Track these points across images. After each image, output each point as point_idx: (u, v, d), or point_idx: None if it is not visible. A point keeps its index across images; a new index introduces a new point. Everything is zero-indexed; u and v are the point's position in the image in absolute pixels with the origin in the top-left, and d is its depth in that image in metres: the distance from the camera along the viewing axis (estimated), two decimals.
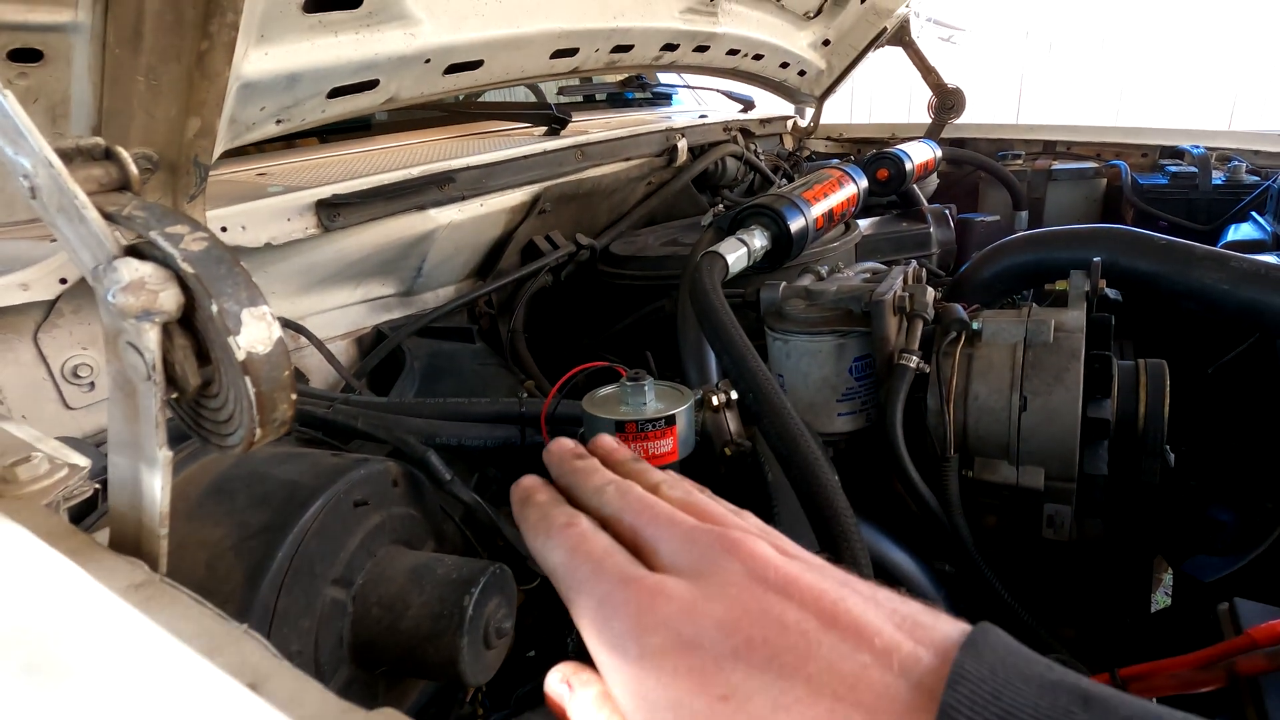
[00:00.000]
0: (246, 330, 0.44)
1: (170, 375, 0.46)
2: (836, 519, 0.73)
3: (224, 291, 0.43)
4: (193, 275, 0.43)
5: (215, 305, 0.43)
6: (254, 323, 0.44)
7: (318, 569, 0.82)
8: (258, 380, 0.44)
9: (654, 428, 0.96)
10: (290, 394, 0.47)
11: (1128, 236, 1.26)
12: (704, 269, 1.06)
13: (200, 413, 0.50)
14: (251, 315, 0.44)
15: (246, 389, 0.44)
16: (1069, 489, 1.07)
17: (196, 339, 0.46)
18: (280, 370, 0.46)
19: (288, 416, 0.48)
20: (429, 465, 0.99)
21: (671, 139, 2.00)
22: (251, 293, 0.45)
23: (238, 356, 0.43)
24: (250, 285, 0.45)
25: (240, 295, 0.44)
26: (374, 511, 0.92)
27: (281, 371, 0.46)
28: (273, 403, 0.46)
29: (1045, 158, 2.82)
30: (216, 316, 0.43)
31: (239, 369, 0.44)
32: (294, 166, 1.48)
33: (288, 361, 0.46)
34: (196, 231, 0.45)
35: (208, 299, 0.43)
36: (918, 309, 1.12)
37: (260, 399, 0.45)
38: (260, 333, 0.44)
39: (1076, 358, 1.05)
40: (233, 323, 0.43)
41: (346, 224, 1.25)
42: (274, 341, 0.45)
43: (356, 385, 1.29)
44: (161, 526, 0.50)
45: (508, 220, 1.60)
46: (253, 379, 0.44)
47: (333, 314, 1.39)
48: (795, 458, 0.76)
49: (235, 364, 0.44)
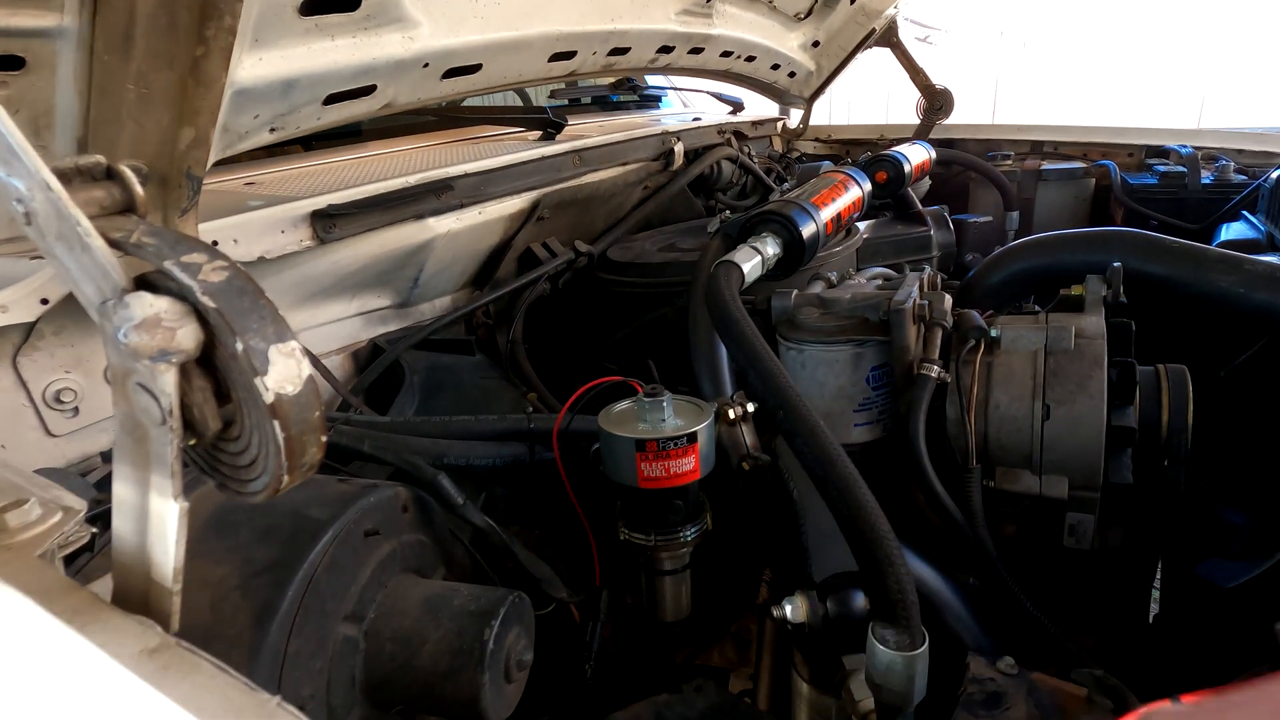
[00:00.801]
0: (275, 369, 0.39)
1: (187, 419, 0.41)
2: (880, 543, 0.70)
3: (249, 327, 0.39)
4: (214, 310, 0.39)
5: (240, 343, 0.39)
6: (282, 360, 0.40)
7: (329, 606, 0.78)
8: (287, 423, 0.40)
9: (675, 446, 0.93)
10: (321, 436, 0.43)
11: (1139, 240, 1.25)
12: (720, 279, 1.02)
13: (219, 457, 0.45)
14: (280, 352, 0.40)
15: (274, 433, 0.40)
16: (1093, 498, 1.05)
17: (216, 378, 0.42)
18: (311, 411, 0.41)
19: (317, 460, 0.44)
20: (440, 489, 0.94)
21: (668, 143, 1.96)
22: (279, 327, 0.40)
23: (265, 399, 0.39)
24: (277, 319, 0.41)
25: (267, 330, 0.40)
26: (385, 540, 0.87)
27: (312, 412, 0.42)
28: (302, 446, 0.42)
29: (1034, 158, 2.83)
30: (241, 355, 0.39)
31: (266, 412, 0.40)
32: (283, 175, 1.42)
33: (318, 400, 0.42)
34: (216, 260, 0.40)
35: (231, 336, 0.39)
36: (937, 317, 1.09)
37: (289, 443, 0.41)
38: (290, 371, 0.40)
39: (1099, 364, 1.03)
40: (259, 362, 0.39)
41: (343, 235, 1.20)
42: (304, 380, 0.41)
43: (355, 403, 1.24)
44: (175, 582, 0.46)
45: (506, 228, 1.56)
46: (281, 422, 0.40)
47: (327, 328, 1.34)
48: (832, 478, 0.73)
49: (262, 406, 0.39)
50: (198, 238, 0.84)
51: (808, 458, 0.76)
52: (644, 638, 1.08)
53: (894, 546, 0.70)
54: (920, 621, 0.70)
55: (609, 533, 1.06)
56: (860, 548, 0.71)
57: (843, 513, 0.72)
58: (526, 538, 1.23)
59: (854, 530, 0.71)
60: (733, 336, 0.89)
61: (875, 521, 0.71)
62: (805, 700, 1.00)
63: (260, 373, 0.39)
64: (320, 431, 0.42)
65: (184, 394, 0.41)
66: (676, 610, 1.04)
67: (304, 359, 0.41)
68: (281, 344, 0.40)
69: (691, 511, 0.98)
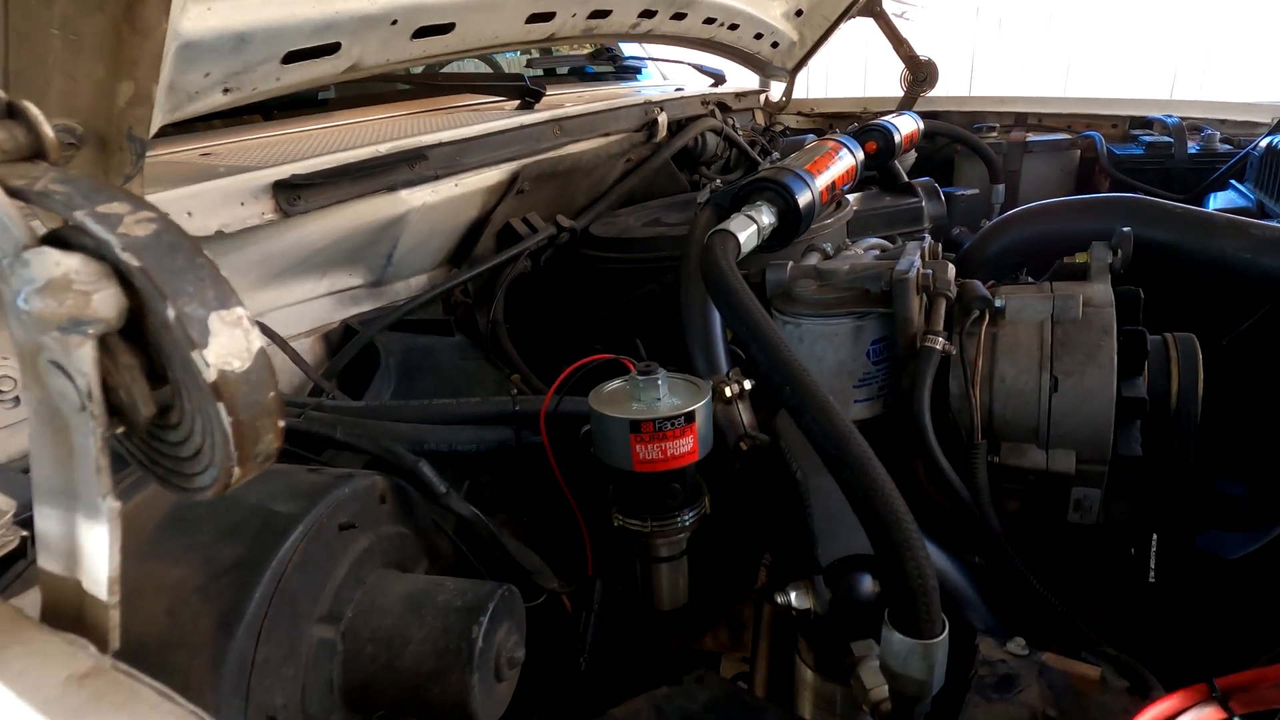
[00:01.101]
0: (217, 341, 0.33)
1: (113, 404, 0.35)
2: (898, 525, 0.65)
3: (183, 290, 0.32)
4: (138, 269, 0.32)
5: (172, 309, 0.32)
6: (226, 331, 0.33)
7: (301, 607, 0.71)
8: (234, 406, 0.33)
9: (672, 426, 0.87)
10: (277, 420, 0.36)
11: (1142, 206, 1.22)
12: (716, 249, 0.96)
13: (157, 447, 0.39)
14: (223, 321, 0.33)
15: (220, 418, 0.34)
16: (1100, 472, 1.02)
17: (147, 354, 0.35)
18: (263, 391, 0.35)
19: (274, 448, 0.37)
20: (421, 478, 0.88)
21: (651, 113, 1.89)
22: (221, 291, 0.34)
23: (206, 377, 0.32)
24: (219, 281, 0.34)
25: (206, 294, 0.33)
26: (361, 534, 0.81)
27: (265, 393, 0.35)
28: (254, 433, 0.35)
29: (1018, 130, 2.80)
30: (175, 324, 0.32)
31: (208, 393, 0.33)
32: (242, 146, 1.33)
33: (272, 378, 0.36)
34: (141, 211, 0.34)
35: (161, 301, 0.32)
36: (940, 286, 1.05)
37: (239, 430, 0.34)
38: (235, 343, 0.33)
39: (1109, 334, 0.99)
40: (198, 332, 0.32)
41: (309, 208, 1.11)
42: (254, 354, 0.34)
43: (327, 387, 1.17)
44: (110, 594, 0.39)
45: (484, 201, 1.48)
46: (227, 405, 0.33)
47: (295, 309, 1.26)
48: (846, 458, 0.68)
49: (203, 386, 0.33)
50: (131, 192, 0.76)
51: (818, 436, 0.71)
52: (639, 628, 1.03)
53: (913, 529, 0.65)
54: (940, 607, 0.66)
55: (601, 519, 1.01)
56: (876, 530, 0.66)
57: (857, 494, 0.67)
58: (514, 526, 1.17)
59: (870, 512, 0.66)
60: (732, 308, 0.84)
61: (892, 502, 0.66)
62: (809, 688, 0.96)
63: (199, 345, 0.32)
64: (276, 415, 0.36)
65: (107, 373, 0.34)
66: (674, 598, 0.99)
67: (253, 329, 0.34)
68: (224, 310, 0.33)
69: (689, 495, 0.92)
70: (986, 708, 0.86)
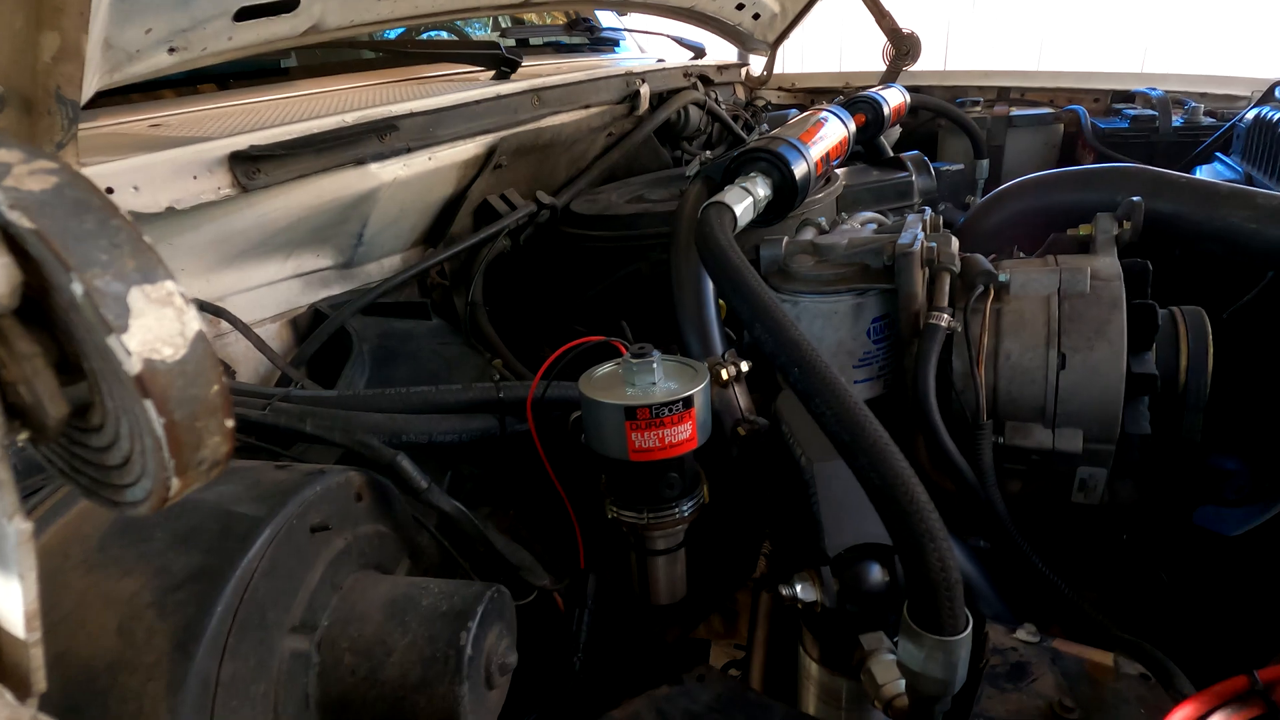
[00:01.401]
0: (140, 324, 0.26)
1: (13, 403, 0.28)
2: (919, 515, 0.60)
3: (94, 259, 0.26)
4: (33, 233, 0.25)
5: (79, 284, 0.25)
6: (153, 310, 0.27)
7: (271, 617, 0.65)
8: (165, 404, 0.27)
9: (670, 412, 0.82)
10: (223, 419, 0.30)
11: (1146, 175, 1.18)
12: (713, 223, 0.90)
13: (78, 453, 0.32)
14: (147, 298, 0.27)
15: (148, 419, 0.27)
16: (1108, 451, 0.99)
17: (55, 340, 0.28)
18: (203, 384, 0.28)
19: (222, 453, 0.31)
20: (400, 472, 0.81)
21: (633, 84, 1.81)
22: (144, 260, 0.27)
23: (127, 368, 0.26)
24: (141, 248, 0.27)
25: (124, 265, 0.26)
26: (336, 535, 0.74)
27: (205, 386, 0.29)
28: (194, 436, 0.29)
29: (1001, 104, 2.77)
30: (84, 302, 0.25)
31: (132, 388, 0.26)
32: (194, 117, 1.23)
33: (214, 368, 0.29)
34: (36, 161, 0.27)
35: (64, 273, 0.25)
36: (944, 261, 1.00)
37: (173, 433, 0.28)
38: (164, 326, 0.27)
39: (1118, 308, 0.96)
40: (114, 312, 0.26)
41: (269, 182, 1.03)
42: (189, 339, 0.28)
43: (295, 376, 1.09)
44: (29, 630, 0.33)
45: (460, 176, 1.40)
46: (157, 402, 0.27)
47: (259, 292, 1.17)
48: (862, 444, 0.63)
49: (125, 380, 0.26)
50: None
51: (830, 421, 0.66)
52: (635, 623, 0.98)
53: (935, 519, 0.61)
54: (964, 602, 0.62)
55: (592, 509, 0.95)
56: (896, 521, 0.62)
57: (874, 482, 0.63)
58: (500, 520, 1.12)
59: (888, 501, 0.62)
60: (735, 285, 0.78)
61: (913, 491, 0.61)
62: (814, 681, 0.92)
63: (116, 329, 0.25)
64: (222, 412, 0.30)
65: (2, 366, 0.27)
66: (671, 592, 0.94)
67: (188, 308, 0.28)
68: (149, 285, 0.27)
69: (688, 484, 0.87)
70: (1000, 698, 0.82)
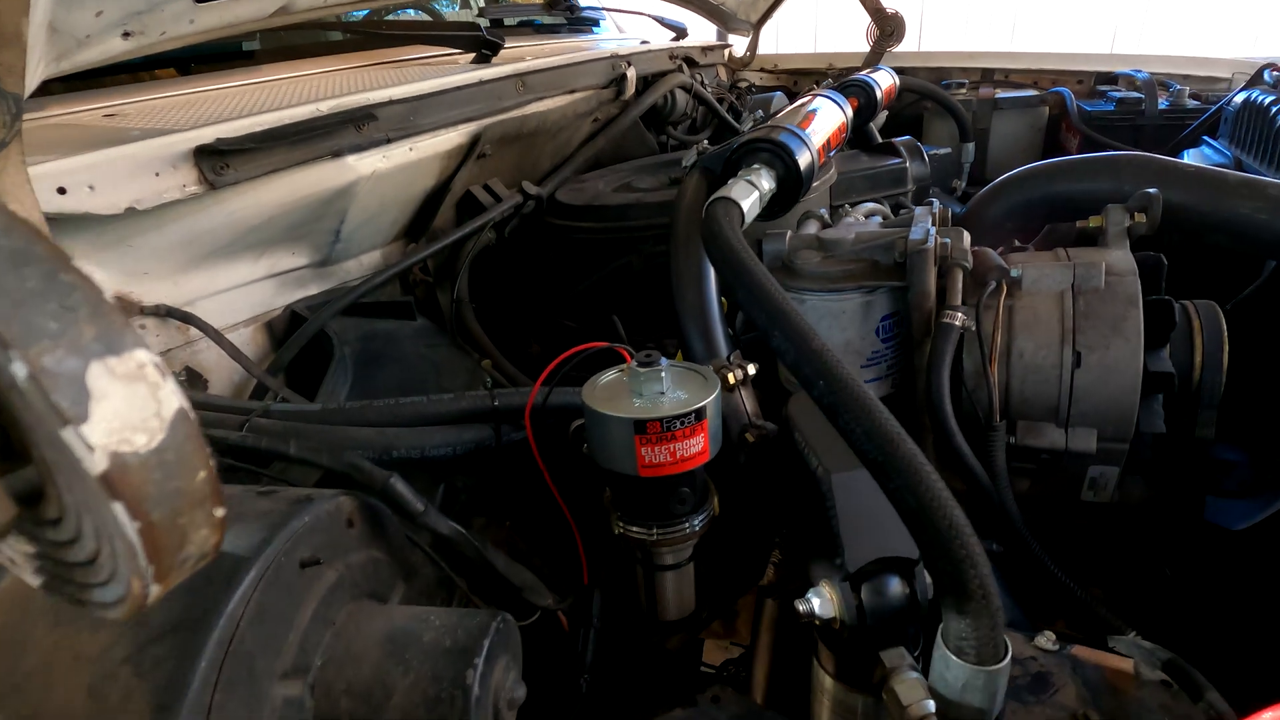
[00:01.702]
0: (103, 408, 0.21)
1: None
2: (960, 540, 0.57)
3: (39, 328, 0.20)
4: None
5: (21, 363, 0.20)
6: (119, 389, 0.21)
7: (259, 665, 0.59)
8: (140, 505, 0.22)
9: (682, 425, 0.77)
10: (212, 509, 0.24)
11: (1153, 165, 1.16)
12: (720, 221, 0.85)
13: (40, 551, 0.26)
14: (111, 373, 0.21)
15: (119, 524, 0.22)
16: (1121, 450, 0.97)
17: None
18: (186, 474, 0.23)
19: (210, 545, 0.26)
20: (394, 495, 0.76)
21: (619, 67, 1.74)
22: (105, 325, 0.21)
23: (89, 466, 0.20)
24: (100, 309, 0.21)
25: (79, 334, 0.21)
26: (328, 567, 0.69)
27: (189, 476, 0.23)
28: (177, 536, 0.23)
29: (986, 86, 2.75)
30: (28, 387, 0.20)
31: (98, 489, 0.21)
32: (154, 105, 1.14)
33: (199, 452, 0.24)
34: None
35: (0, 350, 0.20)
36: (957, 256, 0.96)
37: (151, 536, 0.22)
38: (136, 407, 0.21)
39: (1134, 304, 0.93)
40: (69, 396, 0.20)
41: (239, 178, 0.95)
42: (168, 420, 0.22)
43: (273, 385, 1.02)
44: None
45: (442, 167, 1.32)
46: (129, 505, 0.21)
47: (231, 295, 1.10)
48: (895, 464, 0.59)
49: (87, 480, 0.21)
50: (25, 181, 0.61)
51: (860, 438, 0.62)
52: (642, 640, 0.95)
53: (975, 543, 0.57)
54: (1004, 629, 0.59)
55: (593, 519, 0.91)
56: (934, 546, 0.58)
57: (908, 504, 0.59)
58: (496, 532, 1.07)
59: (925, 525, 0.58)
60: (751, 291, 0.73)
61: (952, 515, 0.58)
62: (829, 695, 0.89)
63: (73, 419, 0.20)
64: (210, 501, 0.24)
65: None
66: (680, 607, 0.91)
67: (165, 380, 0.22)
68: (113, 357, 0.21)
69: (699, 498, 0.83)
70: (1024, 712, 0.80)
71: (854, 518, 0.80)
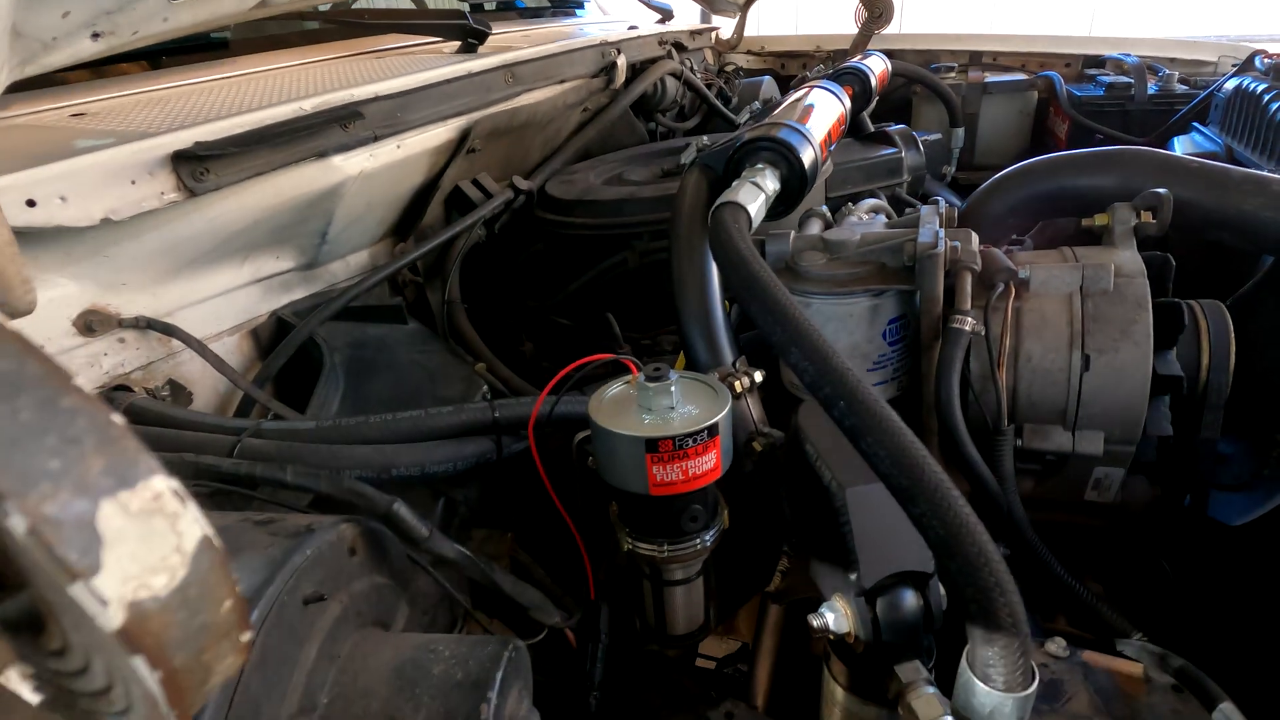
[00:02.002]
0: (119, 554, 0.18)
1: None
2: (989, 568, 0.56)
3: (38, 469, 0.17)
4: None
5: (19, 515, 0.17)
6: (135, 528, 0.18)
7: (265, 711, 0.57)
8: (162, 653, 0.19)
9: (694, 442, 0.75)
10: (239, 635, 0.22)
11: (1155, 160, 1.14)
12: (730, 228, 0.82)
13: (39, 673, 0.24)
14: (125, 511, 0.18)
15: (140, 675, 0.19)
16: (1128, 453, 0.96)
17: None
18: (212, 606, 0.20)
19: (234, 669, 0.23)
20: (398, 521, 0.73)
21: (609, 55, 1.69)
22: (115, 453, 0.18)
23: (104, 622, 0.18)
24: (109, 435, 0.18)
25: (86, 469, 0.18)
26: (332, 600, 0.66)
27: (215, 608, 0.20)
28: (202, 674, 0.21)
29: (975, 69, 2.72)
30: (28, 542, 0.17)
31: (115, 644, 0.18)
32: (125, 103, 1.08)
33: (224, 581, 0.21)
34: None
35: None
36: (966, 260, 0.94)
37: (174, 681, 0.20)
38: (155, 546, 0.19)
39: (1144, 307, 0.92)
40: (78, 547, 0.17)
41: (220, 183, 0.90)
42: (190, 553, 0.19)
43: (261, 398, 0.98)
44: None
45: (431, 164, 1.28)
46: (150, 656, 0.19)
47: (214, 303, 1.05)
48: (922, 489, 0.58)
49: (102, 636, 0.18)
50: None
51: (884, 463, 0.60)
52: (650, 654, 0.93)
53: (1005, 570, 0.56)
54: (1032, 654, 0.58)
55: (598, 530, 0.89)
56: (962, 572, 0.57)
57: (936, 531, 0.58)
58: (498, 544, 1.04)
59: (953, 553, 0.57)
60: (765, 305, 0.71)
61: (981, 542, 0.56)
62: (840, 706, 0.89)
63: (83, 573, 0.17)
64: (237, 628, 0.21)
65: None
66: (690, 621, 0.89)
67: (185, 507, 0.19)
68: (127, 490, 0.18)
69: (710, 514, 0.81)
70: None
71: (869, 532, 0.78)
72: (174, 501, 0.19)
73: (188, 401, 1.01)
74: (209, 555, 0.20)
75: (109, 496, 0.18)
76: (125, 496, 0.18)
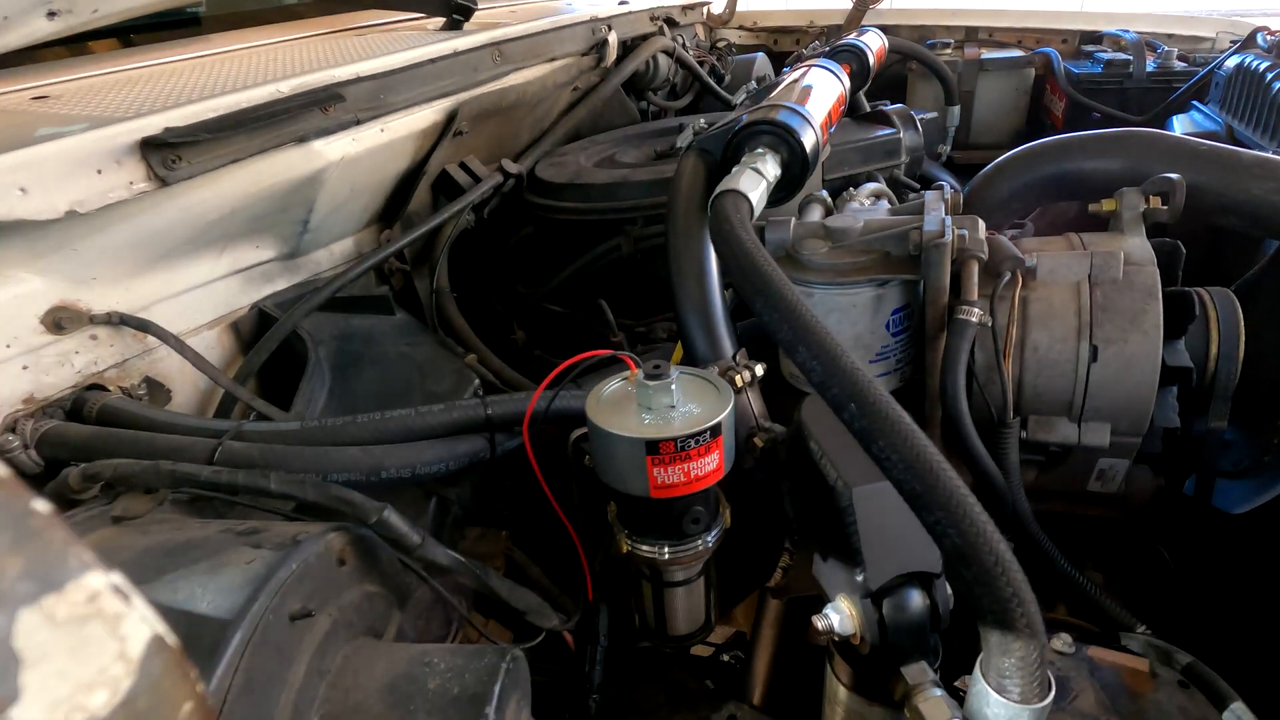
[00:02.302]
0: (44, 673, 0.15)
1: None
2: (1007, 578, 0.54)
3: None
4: None
5: None
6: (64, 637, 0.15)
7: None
8: None
9: (696, 444, 0.72)
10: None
11: (1162, 142, 1.11)
12: (731, 218, 0.79)
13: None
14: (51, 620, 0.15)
15: None
16: (1134, 444, 0.95)
17: None
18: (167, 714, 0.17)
19: None
20: (389, 529, 0.70)
21: (599, 32, 1.63)
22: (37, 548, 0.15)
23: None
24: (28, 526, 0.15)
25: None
26: (321, 615, 0.64)
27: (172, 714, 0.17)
28: None
29: (971, 45, 2.67)
30: None
31: None
32: (90, 84, 1.02)
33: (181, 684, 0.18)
34: None
35: None
36: (972, 248, 0.91)
37: None
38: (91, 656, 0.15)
39: (1154, 296, 0.90)
40: None
41: (193, 172, 0.86)
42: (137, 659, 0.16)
43: (243, 396, 0.95)
44: None
45: (416, 147, 1.23)
46: None
47: (191, 295, 1.01)
48: (938, 498, 0.55)
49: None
50: None
51: (897, 468, 0.58)
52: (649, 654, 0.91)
53: (1022, 579, 0.54)
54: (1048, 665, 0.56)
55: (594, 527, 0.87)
56: (979, 581, 0.55)
57: (952, 540, 0.55)
58: (493, 543, 1.02)
59: (970, 563, 0.55)
60: (771, 301, 0.68)
61: (998, 549, 0.54)
62: (843, 705, 0.87)
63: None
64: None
65: None
66: (690, 621, 0.87)
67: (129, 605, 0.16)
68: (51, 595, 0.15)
69: (711, 514, 0.79)
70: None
71: (875, 532, 0.76)
72: (114, 600, 0.16)
73: (166, 400, 0.97)
74: (161, 657, 0.17)
75: (29, 605, 0.15)
76: (50, 602, 0.15)
